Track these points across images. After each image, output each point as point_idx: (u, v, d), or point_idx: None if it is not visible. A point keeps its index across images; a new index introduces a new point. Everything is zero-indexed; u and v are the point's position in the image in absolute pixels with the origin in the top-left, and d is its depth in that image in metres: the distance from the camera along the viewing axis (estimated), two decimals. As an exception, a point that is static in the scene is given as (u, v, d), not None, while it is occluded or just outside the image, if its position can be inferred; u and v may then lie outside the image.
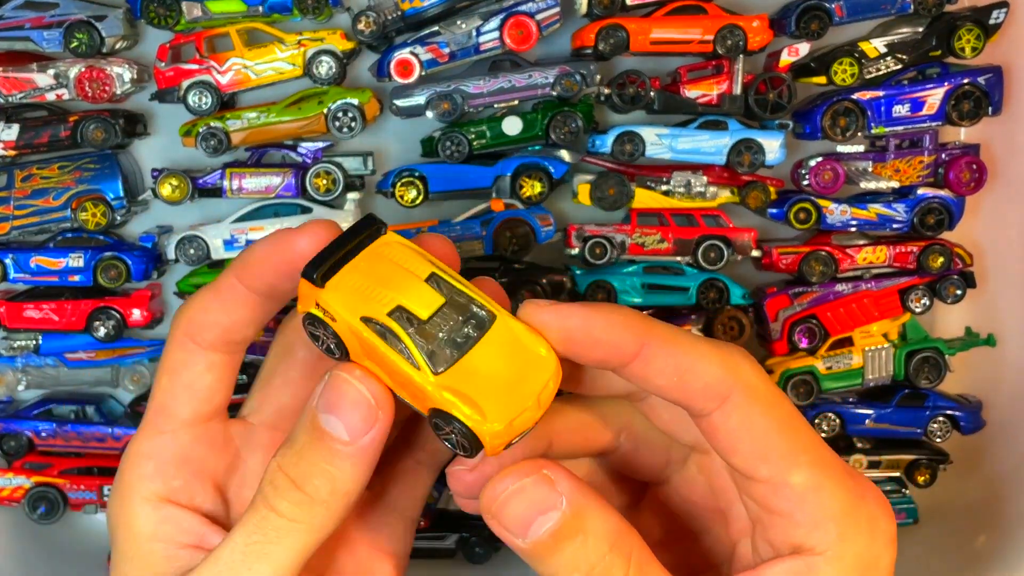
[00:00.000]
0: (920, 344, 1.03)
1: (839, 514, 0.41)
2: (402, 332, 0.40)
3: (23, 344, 1.02)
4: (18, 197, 1.00)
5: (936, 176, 1.02)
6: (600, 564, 0.40)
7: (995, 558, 0.93)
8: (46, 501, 1.02)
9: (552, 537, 0.40)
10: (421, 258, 0.42)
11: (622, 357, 0.41)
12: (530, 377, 0.41)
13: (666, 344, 0.41)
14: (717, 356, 0.41)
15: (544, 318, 0.42)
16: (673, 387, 0.41)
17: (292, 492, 0.42)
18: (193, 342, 0.46)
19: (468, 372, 0.40)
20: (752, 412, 0.41)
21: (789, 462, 0.41)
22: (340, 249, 0.42)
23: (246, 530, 0.42)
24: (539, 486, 0.40)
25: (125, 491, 0.47)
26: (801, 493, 0.41)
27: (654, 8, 0.99)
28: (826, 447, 0.42)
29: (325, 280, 0.41)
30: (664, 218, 1.03)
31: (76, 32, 0.96)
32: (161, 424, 0.47)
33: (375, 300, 0.41)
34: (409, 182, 1.00)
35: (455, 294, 0.42)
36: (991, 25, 0.97)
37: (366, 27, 0.97)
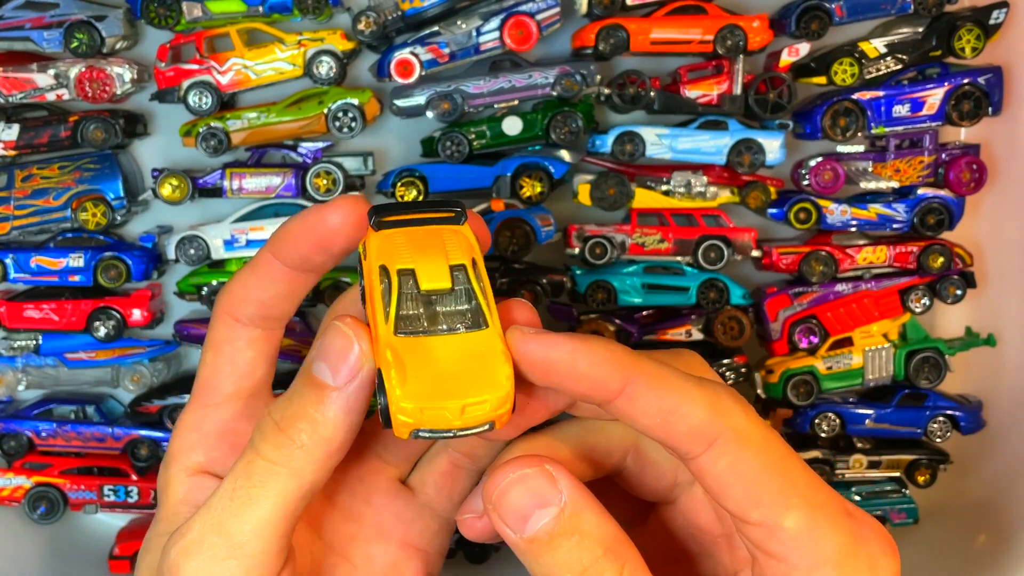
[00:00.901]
0: (920, 344, 1.03)
1: (836, 556, 0.40)
2: (395, 288, 0.41)
3: (23, 344, 1.02)
4: (18, 197, 1.00)
5: (936, 176, 1.02)
6: (593, 567, 0.39)
7: (995, 558, 0.93)
8: (46, 501, 1.02)
9: (548, 534, 0.39)
10: (466, 250, 0.43)
11: (605, 394, 0.40)
12: (473, 389, 0.40)
13: (651, 383, 0.40)
14: (703, 398, 0.40)
15: (528, 347, 0.41)
16: (657, 427, 0.40)
17: (275, 435, 0.43)
18: (233, 318, 0.48)
19: (422, 351, 0.40)
20: (741, 456, 0.40)
21: (781, 505, 0.40)
22: (412, 212, 0.43)
23: (233, 475, 0.43)
24: (540, 478, 0.40)
25: (169, 459, 0.50)
26: (795, 536, 0.40)
27: (654, 8, 0.99)
28: (823, 486, 0.41)
29: (379, 228, 0.43)
30: (664, 218, 1.03)
31: (76, 32, 0.96)
32: (205, 398, 0.49)
33: (398, 257, 0.42)
34: (409, 182, 1.00)
35: (466, 289, 0.42)
36: (991, 25, 0.97)
37: (366, 27, 0.97)
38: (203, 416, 0.49)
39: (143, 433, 1.03)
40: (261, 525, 0.42)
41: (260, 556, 0.43)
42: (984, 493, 1.02)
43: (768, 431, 0.41)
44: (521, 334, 0.41)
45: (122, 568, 0.99)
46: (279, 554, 0.43)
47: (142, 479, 1.04)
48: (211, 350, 0.49)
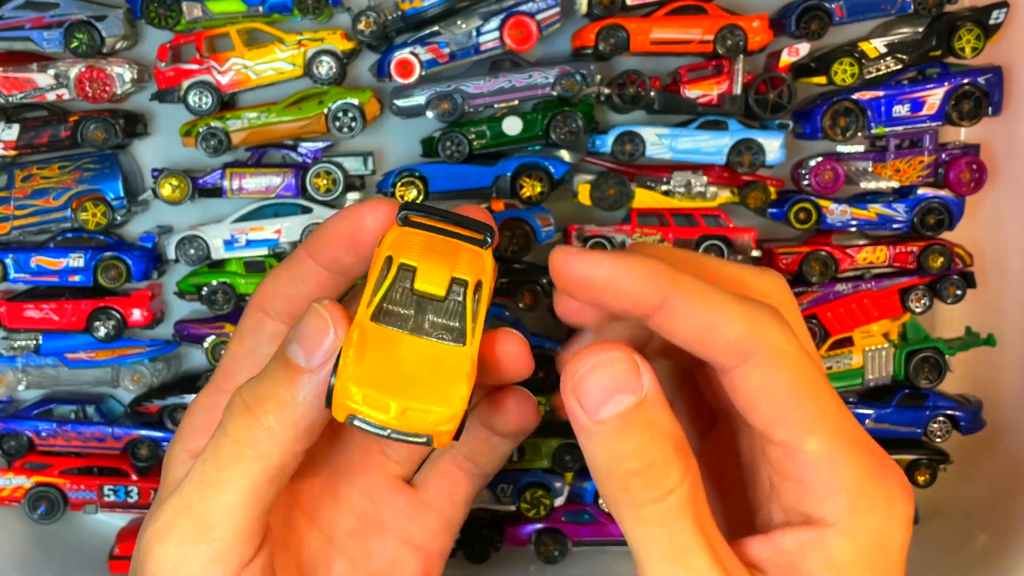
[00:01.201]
0: (920, 344, 1.03)
1: (853, 487, 0.40)
2: (391, 278, 0.41)
3: (23, 344, 1.02)
4: (18, 197, 1.00)
5: (936, 176, 1.02)
6: (662, 463, 0.39)
7: (995, 558, 0.93)
8: (46, 501, 1.02)
9: (623, 420, 0.39)
10: (476, 270, 0.42)
11: (645, 308, 0.41)
12: (422, 395, 0.39)
13: (690, 299, 0.40)
14: (743, 314, 0.40)
15: (571, 266, 0.41)
16: (695, 341, 0.41)
17: (243, 415, 0.43)
18: (262, 311, 0.49)
19: (390, 343, 0.40)
20: (773, 373, 0.40)
21: (806, 428, 0.40)
22: (441, 220, 0.43)
23: (203, 457, 0.43)
24: (627, 363, 0.39)
25: (175, 438, 0.50)
26: (815, 460, 0.40)
27: (654, 8, 0.99)
28: (850, 419, 0.42)
29: (404, 224, 0.43)
30: (664, 218, 1.03)
31: (76, 32, 0.96)
32: (221, 383, 0.49)
33: (407, 253, 0.42)
34: (409, 182, 1.00)
35: (459, 304, 0.42)
36: (991, 25, 0.97)
37: (366, 27, 0.97)
38: (215, 401, 0.49)
39: (143, 433, 1.03)
40: (230, 509, 0.42)
41: (229, 540, 0.42)
42: (984, 493, 1.02)
43: (804, 355, 0.41)
44: (564, 253, 0.42)
45: (122, 568, 0.99)
46: (250, 539, 0.43)
47: (142, 479, 1.04)
48: (236, 339, 0.50)
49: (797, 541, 0.41)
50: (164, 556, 0.43)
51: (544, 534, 1.03)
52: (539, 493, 1.01)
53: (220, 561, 0.43)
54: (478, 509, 1.02)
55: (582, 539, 1.03)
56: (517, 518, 1.03)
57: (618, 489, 0.40)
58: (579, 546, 1.03)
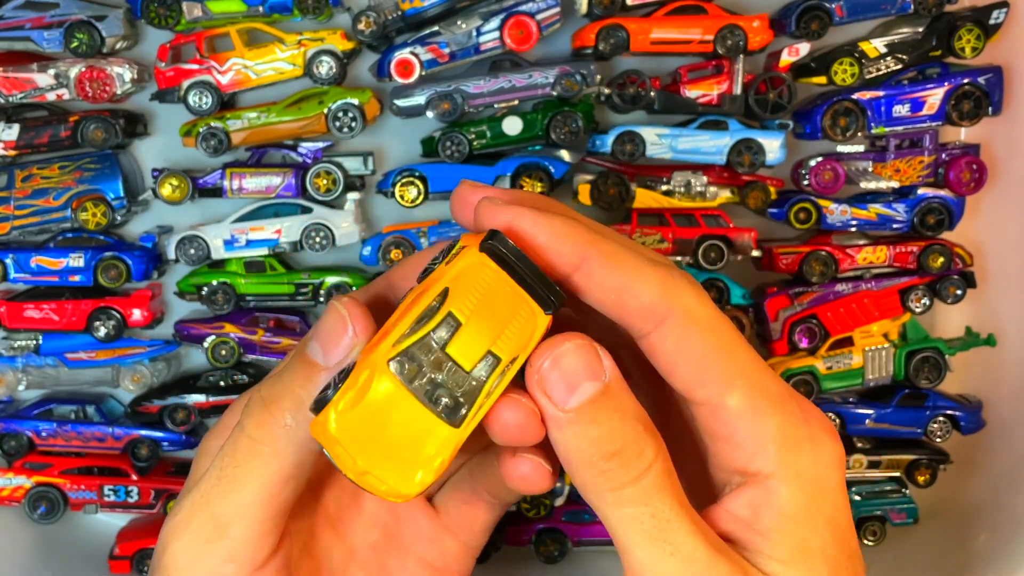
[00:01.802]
0: (920, 344, 1.03)
1: (778, 436, 0.41)
2: (432, 324, 0.40)
3: (23, 344, 1.02)
4: (18, 197, 1.00)
5: (936, 176, 1.02)
6: (635, 443, 0.40)
7: (995, 558, 0.93)
8: (46, 501, 1.02)
9: (593, 404, 0.40)
10: (518, 346, 0.41)
11: (563, 267, 0.41)
12: (386, 466, 0.39)
13: (606, 260, 0.41)
14: (656, 277, 0.41)
15: (495, 217, 0.41)
16: (612, 303, 0.41)
17: (260, 412, 0.42)
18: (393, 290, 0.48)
19: (389, 401, 0.39)
20: (688, 335, 0.41)
21: (725, 385, 0.41)
22: (522, 266, 0.41)
23: (221, 454, 0.43)
24: (587, 351, 0.40)
25: (211, 431, 0.49)
26: (737, 415, 0.41)
27: (654, 8, 0.99)
28: (767, 371, 0.42)
29: (484, 249, 0.41)
30: (664, 218, 1.03)
31: (76, 32, 0.96)
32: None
33: (464, 298, 0.40)
34: (409, 182, 1.00)
35: (477, 383, 0.40)
36: (991, 25, 0.97)
37: (366, 27, 0.97)
38: None
39: (143, 433, 1.03)
40: (245, 508, 0.42)
41: (244, 540, 0.43)
42: (984, 493, 1.01)
43: (717, 314, 0.42)
44: (490, 203, 0.42)
45: (122, 568, 0.99)
46: (264, 538, 0.43)
47: (142, 479, 1.04)
48: None
49: (747, 503, 0.41)
50: (180, 552, 0.43)
51: (544, 534, 1.03)
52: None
53: (234, 560, 0.43)
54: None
55: (582, 539, 1.03)
56: (517, 518, 1.03)
57: (596, 475, 0.40)
58: (579, 546, 1.03)
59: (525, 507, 1.01)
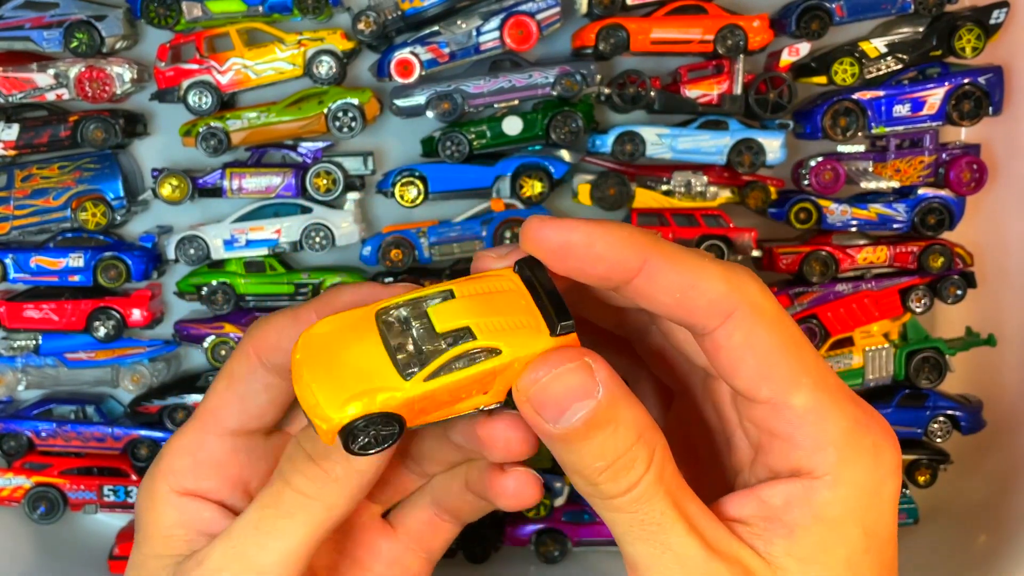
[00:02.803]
0: (920, 344, 1.03)
1: (840, 439, 0.40)
2: (431, 291, 0.42)
3: (23, 344, 1.02)
4: (18, 197, 1.00)
5: (937, 176, 1.02)
6: (627, 454, 0.39)
7: (995, 558, 0.93)
8: (46, 501, 1.02)
9: (585, 424, 0.39)
10: (513, 346, 0.40)
11: (625, 273, 0.40)
12: (327, 385, 0.39)
13: (669, 260, 0.40)
14: (721, 273, 0.40)
15: (546, 233, 0.41)
16: (676, 304, 0.40)
17: (309, 467, 0.42)
18: (259, 359, 0.47)
19: (360, 332, 0.41)
20: (756, 330, 0.40)
21: (791, 383, 0.40)
22: (549, 294, 0.41)
23: (260, 504, 0.43)
24: (579, 372, 0.39)
25: (159, 478, 0.48)
26: (802, 415, 0.40)
27: (654, 8, 0.99)
28: (831, 371, 0.42)
29: (521, 270, 0.42)
30: (664, 218, 1.03)
31: (76, 32, 0.96)
32: (208, 426, 0.48)
33: (470, 287, 0.42)
34: (409, 182, 1.00)
35: (441, 350, 0.40)
36: (991, 25, 0.97)
37: (366, 27, 0.97)
38: (200, 442, 0.48)
39: (143, 433, 1.03)
40: (286, 555, 0.42)
41: None
42: (984, 493, 1.02)
43: (782, 311, 0.41)
44: (538, 220, 0.41)
45: (121, 568, 0.99)
46: None
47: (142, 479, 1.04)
48: (225, 380, 0.48)
49: (783, 494, 0.41)
50: None
51: (544, 534, 1.02)
52: (539, 493, 1.01)
53: None
54: (478, 509, 1.03)
55: (582, 539, 1.03)
56: (517, 518, 1.03)
57: (587, 485, 0.40)
58: (579, 546, 1.03)
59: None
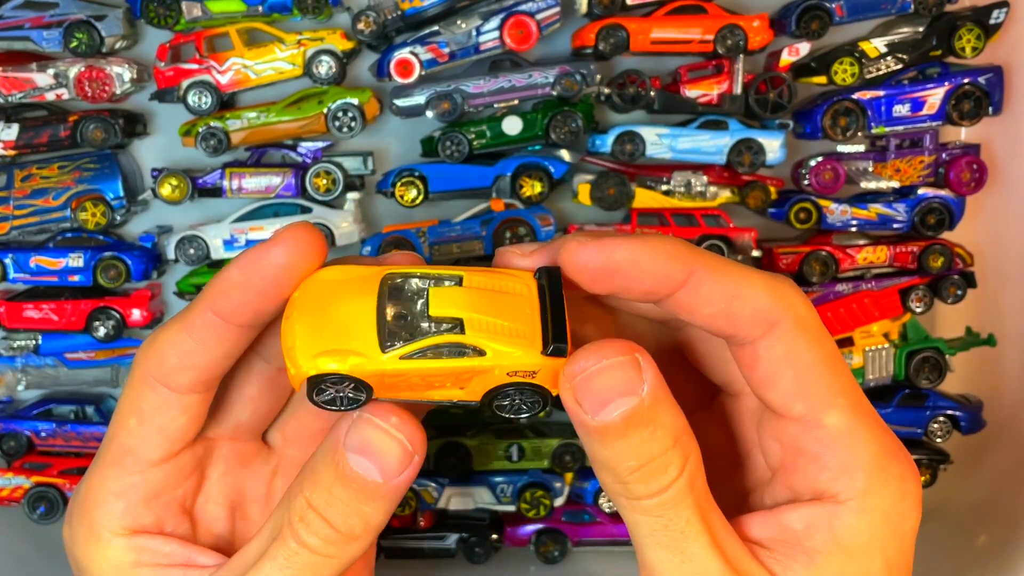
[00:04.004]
0: (920, 344, 1.03)
1: (870, 464, 0.40)
2: (442, 271, 0.41)
3: (23, 344, 1.02)
4: (18, 197, 1.00)
5: (937, 176, 1.02)
6: (661, 458, 0.39)
7: (995, 558, 0.93)
8: (46, 501, 1.02)
9: (625, 421, 0.38)
10: (501, 354, 0.39)
11: (670, 286, 0.40)
12: (310, 333, 0.39)
13: (713, 271, 0.40)
14: (765, 283, 0.40)
15: (587, 255, 0.40)
16: (720, 314, 0.40)
17: (325, 530, 0.41)
18: (165, 386, 0.43)
19: (358, 291, 0.41)
20: (798, 343, 0.40)
21: (826, 402, 0.40)
22: (556, 310, 0.40)
23: (276, 564, 0.42)
24: (627, 368, 0.39)
25: (95, 527, 0.45)
26: (834, 436, 0.40)
27: (654, 8, 0.99)
28: (864, 396, 0.41)
29: (540, 277, 0.42)
30: (664, 218, 1.03)
31: (76, 32, 0.96)
32: (129, 465, 0.45)
33: (481, 278, 0.41)
34: (409, 182, 1.00)
35: (427, 330, 0.40)
36: (991, 25, 0.97)
37: (366, 27, 0.97)
38: (128, 484, 0.45)
39: (143, 433, 1.03)
40: None
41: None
42: (984, 493, 1.02)
43: (823, 326, 0.41)
44: (577, 243, 0.40)
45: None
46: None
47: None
48: (134, 417, 0.44)
49: (804, 518, 0.40)
50: None
51: (544, 534, 1.02)
52: (539, 493, 1.01)
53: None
54: (478, 509, 1.03)
55: (582, 539, 1.03)
56: (517, 518, 1.03)
57: (615, 482, 0.40)
58: (579, 546, 1.03)
59: (525, 507, 1.01)
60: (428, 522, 1.03)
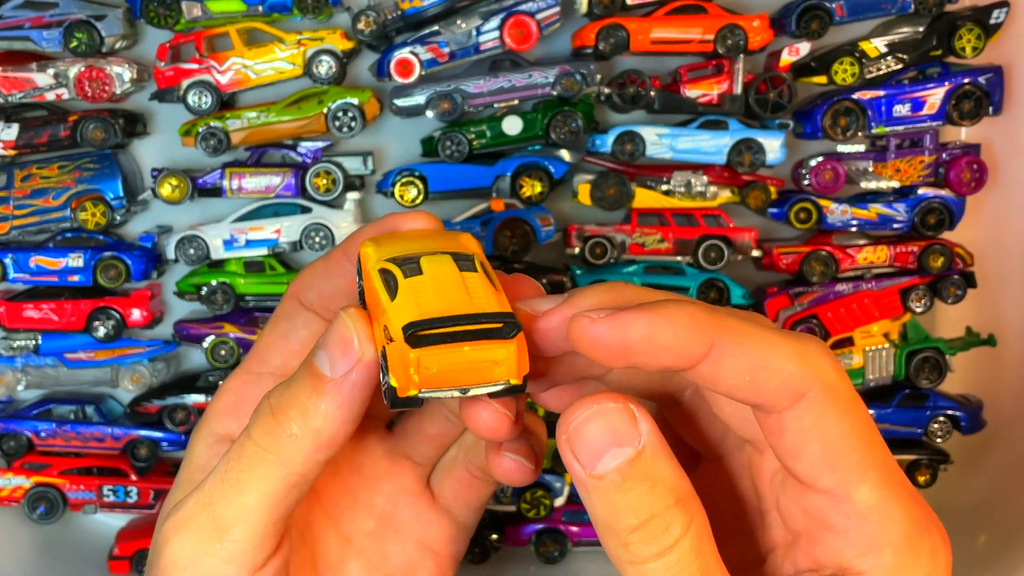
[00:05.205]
0: (921, 344, 1.03)
1: (900, 541, 0.38)
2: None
3: (23, 344, 1.02)
4: (17, 197, 1.00)
5: (937, 176, 1.02)
6: (663, 516, 0.37)
7: (995, 558, 0.93)
8: (46, 501, 1.02)
9: (621, 474, 0.37)
10: None
11: (690, 360, 0.37)
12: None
13: (737, 341, 0.37)
14: (793, 350, 0.38)
15: (598, 333, 0.38)
16: (745, 386, 0.38)
17: (267, 420, 0.42)
18: (298, 299, 0.50)
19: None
20: (827, 414, 0.37)
21: (857, 475, 0.38)
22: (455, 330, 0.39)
23: (227, 457, 0.43)
24: (622, 415, 0.37)
25: (203, 419, 0.50)
26: (863, 511, 0.38)
27: (654, 8, 0.99)
28: (896, 466, 0.39)
29: None
30: (664, 218, 1.03)
31: (76, 32, 0.96)
32: (252, 365, 0.50)
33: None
34: (409, 182, 1.00)
35: None
36: (992, 25, 0.97)
37: (366, 27, 0.96)
38: (245, 382, 0.49)
39: (142, 433, 1.03)
40: (246, 511, 0.42)
41: (245, 542, 0.42)
42: (984, 493, 1.01)
43: (855, 393, 0.39)
44: (589, 320, 0.38)
45: (122, 568, 0.99)
46: (265, 541, 0.43)
47: (141, 479, 1.04)
48: (271, 324, 0.50)
49: None
50: (179, 550, 0.43)
51: (544, 534, 1.02)
52: (539, 493, 1.01)
53: (233, 562, 0.42)
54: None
55: (582, 539, 1.03)
56: (517, 518, 1.03)
57: (618, 545, 0.38)
58: (579, 546, 1.03)
59: (525, 507, 1.01)
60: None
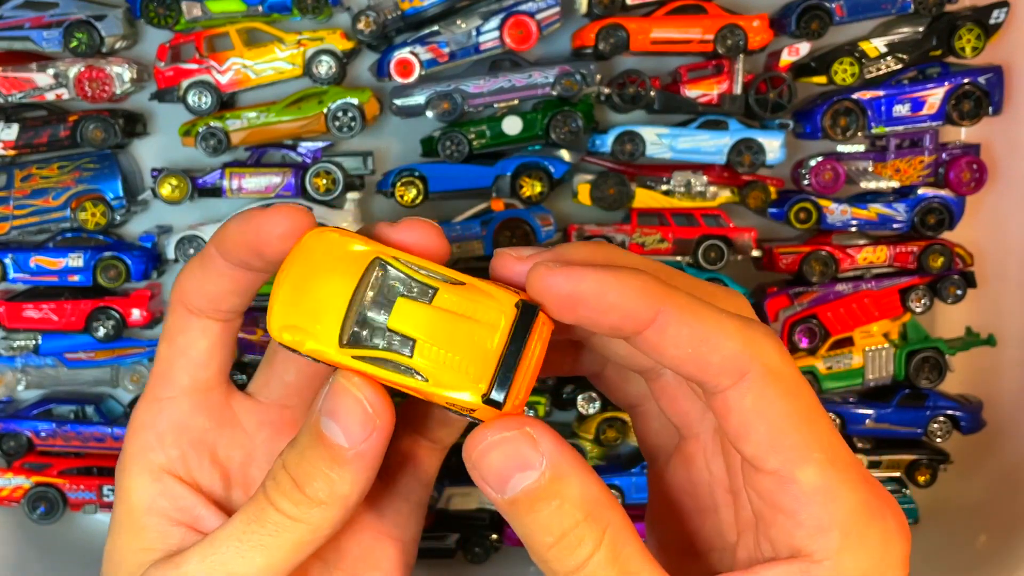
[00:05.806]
0: (920, 344, 1.03)
1: (846, 523, 0.38)
2: (427, 277, 0.40)
3: (22, 344, 1.02)
4: (17, 197, 1.00)
5: (936, 176, 1.02)
6: (573, 532, 0.38)
7: (995, 558, 0.93)
8: (46, 501, 1.02)
9: (528, 496, 0.38)
10: (438, 388, 0.39)
11: (636, 324, 0.38)
12: (290, 299, 0.41)
13: (684, 312, 0.38)
14: (736, 330, 0.38)
15: (553, 281, 0.38)
16: (688, 358, 0.38)
17: (293, 492, 0.42)
18: (185, 308, 0.47)
19: (344, 272, 0.41)
20: (768, 394, 0.38)
21: (801, 456, 0.38)
22: (514, 349, 0.39)
23: (245, 518, 0.43)
24: (520, 442, 0.38)
25: (127, 461, 0.47)
26: (808, 492, 0.38)
27: (654, 8, 0.99)
28: (846, 448, 0.39)
29: (516, 305, 0.39)
30: (664, 218, 1.03)
31: (76, 32, 0.96)
32: (160, 391, 0.48)
33: (459, 296, 0.40)
34: (409, 182, 1.00)
35: (375, 341, 0.40)
36: (991, 25, 0.97)
37: (366, 27, 0.97)
38: (157, 412, 0.47)
39: (143, 433, 1.03)
40: (268, 570, 0.42)
41: None
42: (984, 493, 1.02)
43: (801, 377, 0.39)
44: (546, 268, 0.39)
45: (122, 568, 0.99)
46: None
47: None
48: (165, 341, 0.48)
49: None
50: None
51: (544, 534, 1.02)
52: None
53: None
54: (478, 509, 1.02)
55: (582, 539, 1.03)
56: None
57: (540, 563, 0.39)
58: (579, 546, 1.03)
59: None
60: (428, 522, 1.03)
